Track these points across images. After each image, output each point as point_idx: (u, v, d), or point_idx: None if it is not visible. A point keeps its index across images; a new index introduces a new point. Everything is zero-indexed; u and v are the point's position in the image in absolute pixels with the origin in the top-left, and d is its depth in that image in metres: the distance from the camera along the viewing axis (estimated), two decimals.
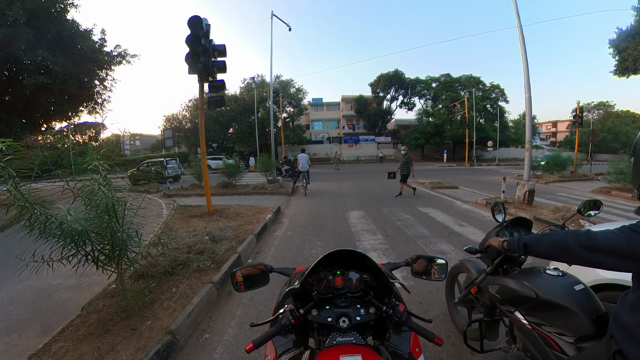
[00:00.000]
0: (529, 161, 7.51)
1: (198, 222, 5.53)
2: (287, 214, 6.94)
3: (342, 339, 0.88)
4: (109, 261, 2.50)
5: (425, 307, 2.68)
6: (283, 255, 4.10)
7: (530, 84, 7.26)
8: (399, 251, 4.19)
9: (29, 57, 10.88)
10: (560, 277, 1.36)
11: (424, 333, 0.89)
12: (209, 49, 5.28)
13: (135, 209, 2.70)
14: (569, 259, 1.00)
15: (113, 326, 2.42)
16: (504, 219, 1.80)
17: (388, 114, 39.01)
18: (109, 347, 2.19)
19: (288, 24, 13.59)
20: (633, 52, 14.85)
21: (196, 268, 3.27)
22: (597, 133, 17.90)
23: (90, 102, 14.94)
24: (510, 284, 1.44)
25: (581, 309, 1.16)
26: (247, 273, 1.11)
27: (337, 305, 0.97)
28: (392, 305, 0.94)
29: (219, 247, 3.87)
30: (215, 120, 31.49)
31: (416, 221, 5.90)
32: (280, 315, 0.93)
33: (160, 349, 2.06)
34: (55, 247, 2.23)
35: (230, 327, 2.44)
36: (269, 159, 12.83)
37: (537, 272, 1.42)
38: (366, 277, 1.02)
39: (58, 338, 2.36)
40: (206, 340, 2.31)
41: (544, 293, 1.28)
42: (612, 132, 39.21)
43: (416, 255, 1.20)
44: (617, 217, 6.17)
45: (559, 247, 1.00)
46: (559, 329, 1.22)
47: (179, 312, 2.48)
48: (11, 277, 2.84)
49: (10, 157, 1.97)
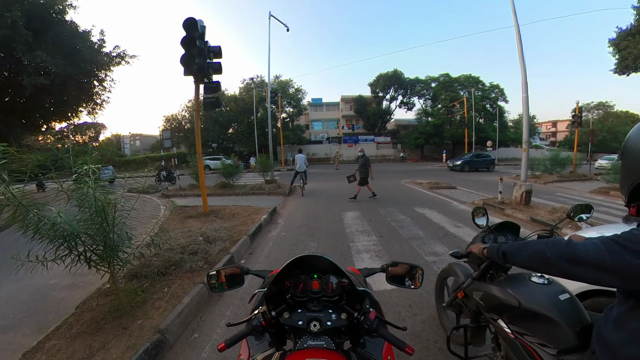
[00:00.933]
0: (527, 161, 7.54)
1: (194, 222, 5.59)
2: (283, 215, 6.99)
3: (313, 343, 0.89)
4: (102, 261, 2.55)
5: (414, 309, 2.69)
6: (276, 256, 4.15)
7: (527, 83, 7.29)
8: (392, 252, 4.22)
9: (28, 58, 10.93)
10: (546, 285, 1.31)
11: (394, 342, 0.90)
12: (204, 51, 5.33)
13: (128, 211, 2.76)
14: (549, 271, 0.95)
15: (105, 325, 2.48)
16: (486, 224, 1.75)
17: (387, 114, 38.98)
18: (100, 345, 2.24)
19: (286, 24, 13.65)
20: (633, 50, 14.90)
21: (189, 268, 3.32)
22: (596, 133, 17.94)
23: (90, 103, 14.99)
24: (494, 291, 1.40)
25: (565, 320, 1.11)
26: (224, 274, 1.15)
27: (309, 309, 0.99)
28: (364, 311, 0.95)
29: (212, 247, 3.92)
30: (214, 121, 31.53)
31: (411, 222, 5.94)
32: (253, 317, 0.96)
33: (149, 348, 2.11)
34: (49, 247, 2.26)
35: (220, 327, 2.49)
36: (267, 159, 12.88)
37: (522, 279, 1.37)
38: (344, 281, 1.03)
39: (52, 336, 2.41)
40: (195, 340, 2.36)
41: (527, 302, 1.24)
42: (612, 132, 39.26)
43: (392, 261, 1.19)
44: (617, 217, 6.12)
45: (538, 258, 0.95)
46: (541, 340, 1.18)
47: (169, 312, 2.53)
48: (7, 277, 2.88)
49: (5, 161, 2.02)
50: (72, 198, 2.36)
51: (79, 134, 39.78)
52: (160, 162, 24.74)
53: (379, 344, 1.07)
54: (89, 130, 41.16)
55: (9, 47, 10.61)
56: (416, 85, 36.43)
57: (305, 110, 37.82)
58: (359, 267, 4.56)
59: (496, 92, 34.55)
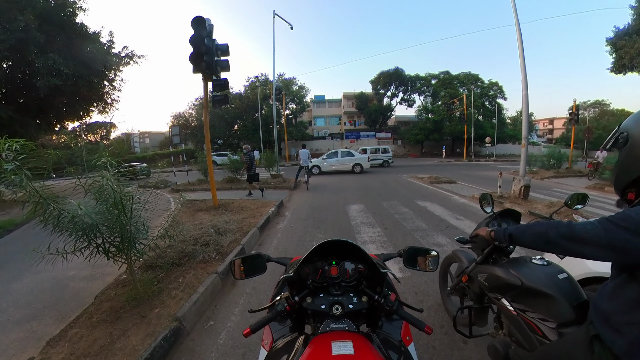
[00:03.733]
0: (525, 157, 7.46)
1: (204, 215, 5.60)
2: (289, 208, 6.99)
3: (335, 326, 0.89)
4: (119, 253, 2.56)
5: (420, 297, 2.70)
6: (285, 247, 4.15)
7: (527, 81, 7.18)
8: (397, 243, 4.21)
9: (41, 60, 10.96)
10: (545, 266, 1.39)
11: (414, 322, 0.91)
12: (212, 49, 5.27)
13: (143, 203, 2.76)
14: (551, 249, 1.01)
15: (124, 313, 2.49)
16: (492, 210, 1.85)
17: (388, 110, 38.69)
18: (120, 332, 2.25)
19: (290, 22, 13.47)
20: (630, 49, 14.71)
21: (202, 259, 3.33)
22: (592, 130, 17.72)
23: (101, 102, 15.03)
24: (497, 273, 1.47)
25: (563, 296, 1.18)
26: (246, 261, 1.14)
27: (331, 293, 0.98)
28: (384, 294, 0.95)
29: (223, 239, 3.92)
30: (220, 118, 31.51)
31: (414, 215, 5.91)
32: (277, 302, 0.95)
33: (167, 335, 2.11)
34: (68, 240, 2.28)
35: (234, 314, 2.50)
36: (272, 154, 12.85)
37: (524, 262, 1.45)
38: (360, 267, 1.03)
39: (73, 324, 2.43)
40: (211, 327, 2.37)
41: (529, 281, 1.31)
42: (607, 130, 38.92)
43: (408, 246, 1.18)
44: (610, 212, 6.09)
45: (541, 238, 1.01)
46: (542, 315, 1.25)
47: (185, 301, 2.54)
48: (29, 269, 2.92)
49: (24, 156, 2.01)
50: (89, 192, 2.36)
51: (91, 133, 39.95)
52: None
53: (397, 326, 1.07)
54: (100, 129, 41.30)
55: (22, 50, 10.65)
56: (417, 82, 36.06)
57: (308, 107, 37.65)
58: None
59: (495, 89, 34.17)
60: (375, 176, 13.92)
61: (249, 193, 8.68)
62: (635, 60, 14.81)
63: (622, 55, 15.28)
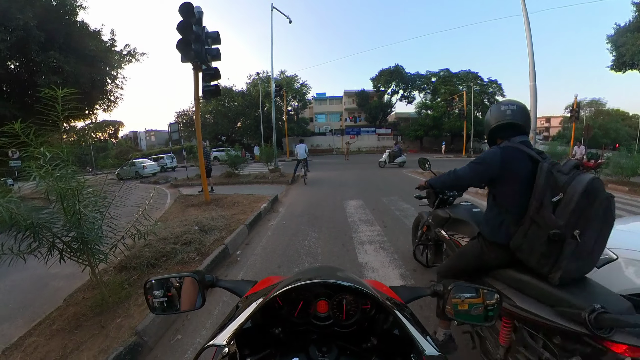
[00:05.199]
0: None
1: (193, 211, 5.22)
2: (284, 203, 6.58)
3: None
4: (81, 254, 2.20)
5: (426, 311, 2.14)
6: (273, 247, 3.72)
7: (535, 71, 6.68)
8: (398, 245, 3.70)
9: (42, 58, 10.70)
10: (467, 205, 2.14)
11: None
12: (201, 36, 4.84)
13: (108, 199, 2.39)
14: (451, 186, 1.72)
15: (85, 322, 2.17)
16: (429, 169, 2.56)
17: (388, 107, 38.09)
18: (75, 345, 1.95)
19: (288, 16, 12.95)
20: (631, 47, 14.07)
21: (180, 260, 2.95)
22: (591, 128, 17.11)
23: (104, 100, 14.70)
24: (438, 213, 2.20)
25: (475, 222, 1.78)
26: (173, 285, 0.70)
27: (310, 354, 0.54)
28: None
29: (207, 237, 3.54)
30: (224, 115, 31.18)
31: (416, 211, 5.43)
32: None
33: (122, 352, 1.74)
34: (22, 239, 1.96)
35: (205, 328, 2.10)
36: (271, 149, 12.51)
37: (455, 205, 2.22)
38: (364, 304, 0.62)
39: (33, 332, 2.15)
40: (177, 342, 2.00)
41: (454, 214, 2.00)
42: (603, 129, 39.08)
43: (455, 282, 0.69)
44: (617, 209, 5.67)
45: (444, 181, 1.58)
46: (462, 235, 1.87)
47: None
48: (14, 265, 2.63)
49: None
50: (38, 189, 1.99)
51: (99, 131, 39.90)
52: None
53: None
54: (108, 127, 41.21)
55: (23, 48, 10.39)
56: (417, 80, 35.44)
57: (309, 104, 37.11)
58: (363, 261, 4.01)
59: (494, 87, 33.43)
60: (375, 171, 13.46)
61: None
62: (636, 57, 14.22)
63: (623, 53, 14.71)
